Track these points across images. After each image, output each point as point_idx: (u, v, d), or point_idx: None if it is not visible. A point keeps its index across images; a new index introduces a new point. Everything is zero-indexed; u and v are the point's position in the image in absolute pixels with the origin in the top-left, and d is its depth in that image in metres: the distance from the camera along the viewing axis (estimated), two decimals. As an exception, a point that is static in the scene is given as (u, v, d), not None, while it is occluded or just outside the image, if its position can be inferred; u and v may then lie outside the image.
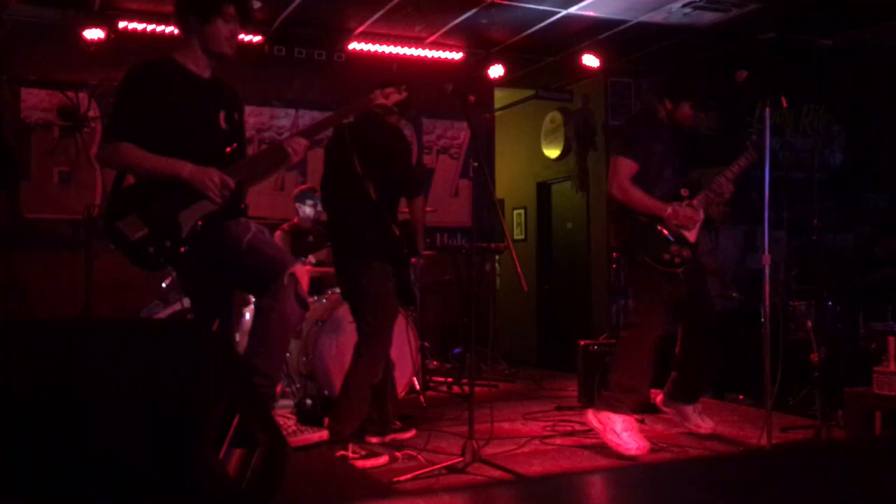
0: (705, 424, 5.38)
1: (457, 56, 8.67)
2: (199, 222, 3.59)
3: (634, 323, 5.01)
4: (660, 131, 5.00)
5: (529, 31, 8.09)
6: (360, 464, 4.50)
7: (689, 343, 5.21)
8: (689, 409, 5.37)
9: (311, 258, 6.44)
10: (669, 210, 4.87)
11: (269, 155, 4.00)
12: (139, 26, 7.52)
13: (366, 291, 4.81)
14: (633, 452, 4.71)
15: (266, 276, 3.62)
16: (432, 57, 8.56)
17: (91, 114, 7.61)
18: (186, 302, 6.59)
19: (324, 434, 4.62)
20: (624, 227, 5.00)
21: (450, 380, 7.48)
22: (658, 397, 5.53)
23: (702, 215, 5.00)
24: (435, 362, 7.93)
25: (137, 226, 3.57)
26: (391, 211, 4.89)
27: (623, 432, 4.76)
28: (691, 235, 4.95)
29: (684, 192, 5.00)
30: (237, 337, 5.96)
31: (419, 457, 4.71)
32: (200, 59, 3.76)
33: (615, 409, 4.83)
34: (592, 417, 4.94)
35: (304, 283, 3.68)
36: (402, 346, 5.82)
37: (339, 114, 4.30)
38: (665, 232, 4.89)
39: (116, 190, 3.72)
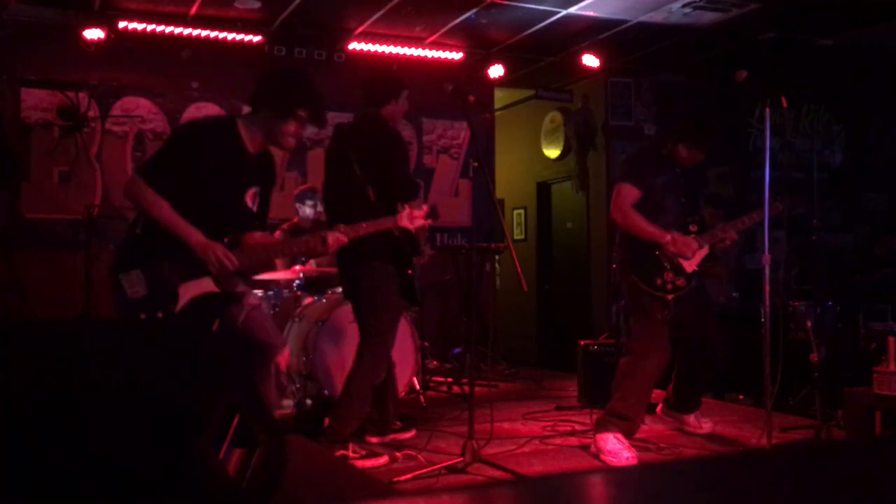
0: (705, 425, 5.40)
1: (457, 56, 8.67)
2: (197, 298, 3.63)
3: (633, 349, 5.00)
4: (664, 165, 5.07)
5: (529, 31, 8.09)
6: (361, 464, 4.50)
7: (688, 359, 5.25)
8: (688, 417, 5.44)
9: (312, 262, 6.44)
10: (668, 237, 4.90)
11: (306, 241, 4.00)
12: (139, 26, 7.52)
13: (366, 291, 4.81)
14: (623, 462, 4.72)
15: (254, 359, 3.73)
16: (432, 57, 8.57)
17: (91, 114, 7.60)
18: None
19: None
20: (625, 248, 5.05)
21: (450, 380, 7.49)
22: (658, 406, 5.54)
23: (705, 249, 5.03)
24: (435, 362, 7.93)
25: (139, 285, 3.63)
26: (391, 212, 4.88)
27: (614, 447, 4.76)
28: (689, 265, 4.96)
29: (693, 227, 5.04)
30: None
31: (419, 457, 4.72)
32: (257, 138, 3.82)
33: (607, 428, 4.84)
34: (592, 445, 4.96)
35: (287, 362, 3.77)
36: (403, 346, 5.82)
37: (383, 223, 4.31)
38: (662, 259, 4.93)
39: (130, 235, 3.76)
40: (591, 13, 7.54)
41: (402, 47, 8.41)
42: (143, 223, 3.69)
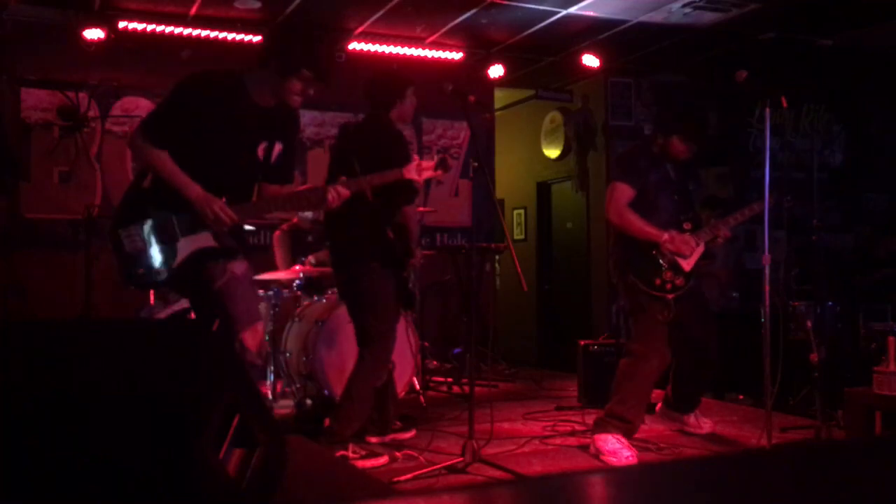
0: (705, 425, 5.41)
1: (457, 56, 8.67)
2: (195, 253, 3.62)
3: (632, 351, 4.98)
4: (657, 162, 5.05)
5: (529, 31, 8.09)
6: (361, 464, 4.50)
7: (687, 359, 5.21)
8: (687, 416, 5.43)
9: (311, 258, 6.43)
10: (666, 236, 4.88)
11: (305, 195, 3.94)
12: (139, 26, 7.52)
13: (366, 292, 4.80)
14: (623, 462, 4.71)
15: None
16: (432, 57, 8.56)
17: (91, 114, 7.60)
18: (186, 302, 6.61)
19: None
20: (620, 248, 5.04)
21: (450, 380, 7.48)
22: (657, 406, 5.53)
23: (702, 247, 5.01)
24: (435, 362, 7.92)
25: (138, 239, 3.62)
26: (388, 213, 4.87)
27: (614, 447, 4.75)
28: (686, 264, 4.95)
29: (687, 225, 5.02)
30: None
31: (419, 457, 4.72)
32: (265, 92, 3.78)
33: (606, 430, 4.83)
34: (591, 446, 4.94)
35: (257, 341, 3.67)
36: (402, 347, 5.81)
37: (389, 174, 4.20)
38: (660, 258, 4.91)
39: (132, 189, 3.75)
40: (591, 13, 7.53)
41: (402, 47, 8.41)
42: (150, 176, 3.68)
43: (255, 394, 2.92)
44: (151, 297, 6.43)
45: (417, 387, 6.52)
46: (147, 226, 3.61)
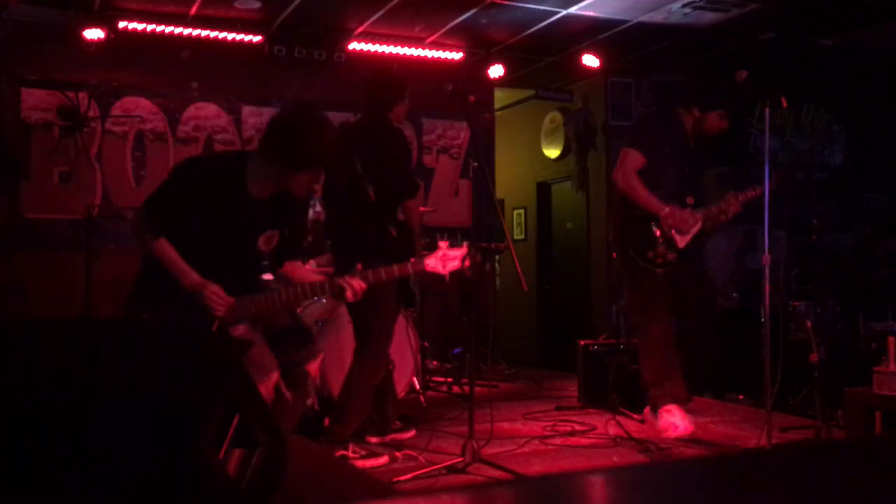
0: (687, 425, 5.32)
1: (457, 56, 8.67)
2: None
3: (635, 325, 5.13)
4: (674, 133, 5.04)
5: (529, 31, 8.09)
6: (360, 464, 4.50)
7: (679, 347, 5.19)
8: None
9: (312, 262, 6.42)
10: (667, 209, 4.90)
11: (316, 288, 3.78)
12: (139, 26, 7.52)
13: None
14: (680, 432, 4.95)
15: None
16: (432, 57, 8.56)
17: (91, 114, 7.60)
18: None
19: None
20: (619, 217, 5.09)
21: (450, 380, 7.48)
22: (645, 409, 5.46)
23: (700, 225, 5.00)
24: (435, 362, 7.92)
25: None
26: (389, 212, 4.87)
27: (667, 421, 4.95)
28: (681, 241, 4.95)
29: (690, 199, 5.02)
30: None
31: (419, 457, 4.72)
32: (267, 184, 3.68)
33: (659, 404, 4.98)
34: (651, 423, 5.12)
35: (268, 389, 3.63)
36: (402, 346, 5.82)
37: (405, 267, 3.93)
38: (657, 231, 4.92)
39: (141, 274, 3.71)
40: (591, 13, 7.53)
41: (402, 47, 8.40)
42: (148, 264, 3.66)
43: (255, 394, 2.92)
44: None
45: (417, 387, 6.51)
46: (152, 318, 3.57)
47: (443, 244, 3.94)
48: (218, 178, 3.66)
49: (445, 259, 3.88)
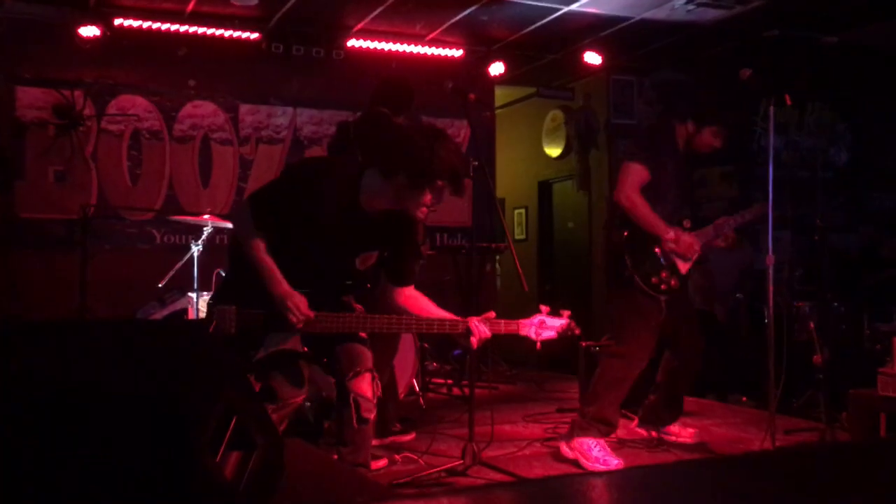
0: (686, 432, 5.18)
1: (457, 53, 8.62)
2: (280, 352, 3.49)
3: (619, 353, 4.72)
4: (677, 150, 4.79)
5: (530, 28, 8.05)
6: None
7: (673, 370, 5.00)
8: (671, 427, 5.17)
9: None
10: (672, 234, 4.63)
11: (439, 325, 3.56)
12: (135, 23, 7.48)
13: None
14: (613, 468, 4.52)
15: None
16: (432, 54, 8.52)
17: (87, 112, 7.55)
18: (182, 303, 6.55)
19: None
20: (618, 238, 4.69)
21: (450, 382, 7.44)
22: (633, 422, 5.31)
23: (699, 250, 4.75)
24: (435, 364, 7.87)
25: (229, 322, 3.45)
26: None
27: (600, 454, 4.58)
28: (683, 266, 4.72)
29: (687, 222, 4.76)
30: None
31: (419, 459, 4.68)
32: (382, 201, 3.50)
33: (588, 433, 4.64)
34: (567, 449, 4.74)
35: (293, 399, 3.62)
36: (402, 348, 5.76)
37: (511, 325, 3.73)
38: (661, 256, 4.67)
39: (234, 267, 3.62)
40: (592, 10, 7.49)
41: (402, 45, 8.36)
42: (237, 259, 3.56)
43: (253, 396, 2.88)
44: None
45: (417, 389, 6.47)
46: (239, 312, 3.47)
47: (544, 310, 3.73)
48: (332, 185, 3.50)
49: (542, 326, 3.72)
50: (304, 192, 3.47)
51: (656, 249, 4.67)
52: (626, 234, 4.65)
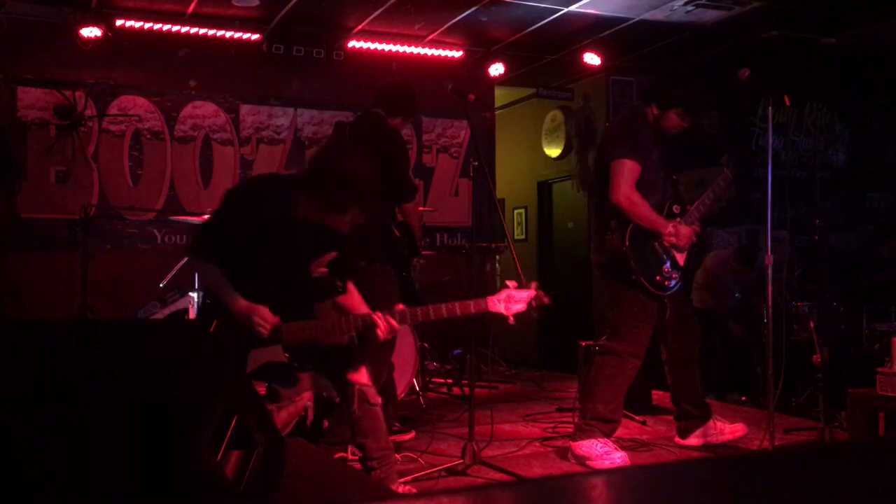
0: (730, 427, 5.01)
1: (457, 54, 8.63)
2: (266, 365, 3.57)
3: (616, 350, 4.67)
4: (653, 135, 4.69)
5: (530, 29, 8.05)
6: (360, 466, 4.45)
7: (679, 372, 4.94)
8: (709, 424, 5.02)
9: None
10: (670, 227, 4.58)
11: (354, 323, 3.67)
12: (136, 24, 7.48)
13: (371, 292, 4.76)
14: (617, 464, 4.54)
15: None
16: (432, 55, 8.52)
17: (88, 112, 7.56)
18: (183, 303, 6.56)
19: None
20: (617, 238, 4.58)
21: (450, 381, 7.45)
22: (675, 438, 5.15)
23: (694, 238, 4.68)
24: (435, 363, 7.88)
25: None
26: (390, 212, 4.84)
27: (602, 450, 4.56)
28: (681, 259, 4.68)
29: (676, 208, 4.70)
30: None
31: (419, 459, 4.68)
32: (312, 216, 3.61)
33: (590, 435, 4.60)
34: (574, 449, 4.67)
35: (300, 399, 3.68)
36: (402, 348, 5.77)
37: (467, 306, 3.83)
38: (659, 250, 4.62)
39: (206, 294, 3.82)
40: (592, 11, 7.50)
41: (402, 45, 8.37)
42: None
43: (254, 395, 2.89)
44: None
45: (417, 388, 6.48)
46: (223, 331, 3.56)
47: (510, 284, 3.76)
48: (267, 201, 3.62)
49: (510, 300, 3.73)
50: (241, 212, 3.60)
51: (655, 245, 4.63)
52: (628, 237, 4.56)
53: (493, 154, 9.41)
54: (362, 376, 3.66)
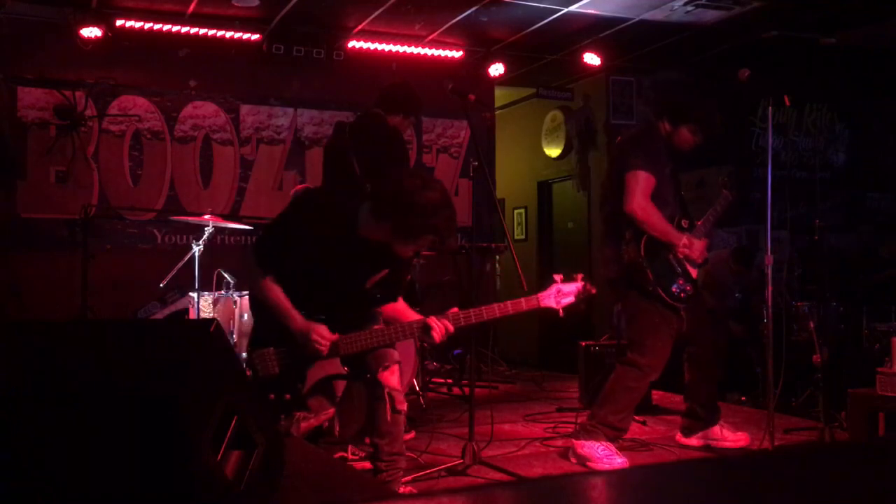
0: (733, 436, 5.02)
1: (457, 54, 8.63)
2: (324, 379, 3.61)
3: (637, 363, 4.64)
4: (666, 150, 4.72)
5: (530, 29, 8.05)
6: (360, 465, 4.45)
7: (696, 374, 4.95)
8: (714, 429, 5.03)
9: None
10: (685, 240, 4.58)
11: (410, 328, 3.68)
12: (136, 24, 7.49)
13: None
14: (617, 468, 4.50)
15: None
16: (432, 55, 8.52)
17: (88, 112, 7.56)
18: (183, 303, 6.56)
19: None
20: (637, 252, 4.56)
21: (450, 381, 7.44)
22: (677, 436, 5.19)
23: (706, 252, 4.74)
24: (435, 363, 7.88)
25: (271, 364, 3.58)
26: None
27: (604, 452, 4.56)
28: (694, 272, 4.69)
29: (685, 222, 4.71)
30: (234, 338, 5.92)
31: (419, 459, 4.68)
32: (371, 232, 3.60)
33: (594, 437, 4.59)
34: (575, 448, 4.68)
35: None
36: (402, 347, 5.76)
37: (519, 304, 3.91)
38: (674, 262, 4.61)
39: (257, 311, 3.72)
40: (592, 11, 7.50)
41: (402, 45, 8.37)
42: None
43: (254, 395, 2.89)
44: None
45: (417, 388, 6.47)
46: (277, 352, 3.58)
47: (557, 278, 3.81)
48: (331, 216, 3.62)
49: (560, 294, 3.81)
50: (304, 226, 3.58)
51: (669, 257, 4.63)
52: (643, 248, 4.55)
53: (493, 154, 9.41)
54: (394, 380, 3.65)
